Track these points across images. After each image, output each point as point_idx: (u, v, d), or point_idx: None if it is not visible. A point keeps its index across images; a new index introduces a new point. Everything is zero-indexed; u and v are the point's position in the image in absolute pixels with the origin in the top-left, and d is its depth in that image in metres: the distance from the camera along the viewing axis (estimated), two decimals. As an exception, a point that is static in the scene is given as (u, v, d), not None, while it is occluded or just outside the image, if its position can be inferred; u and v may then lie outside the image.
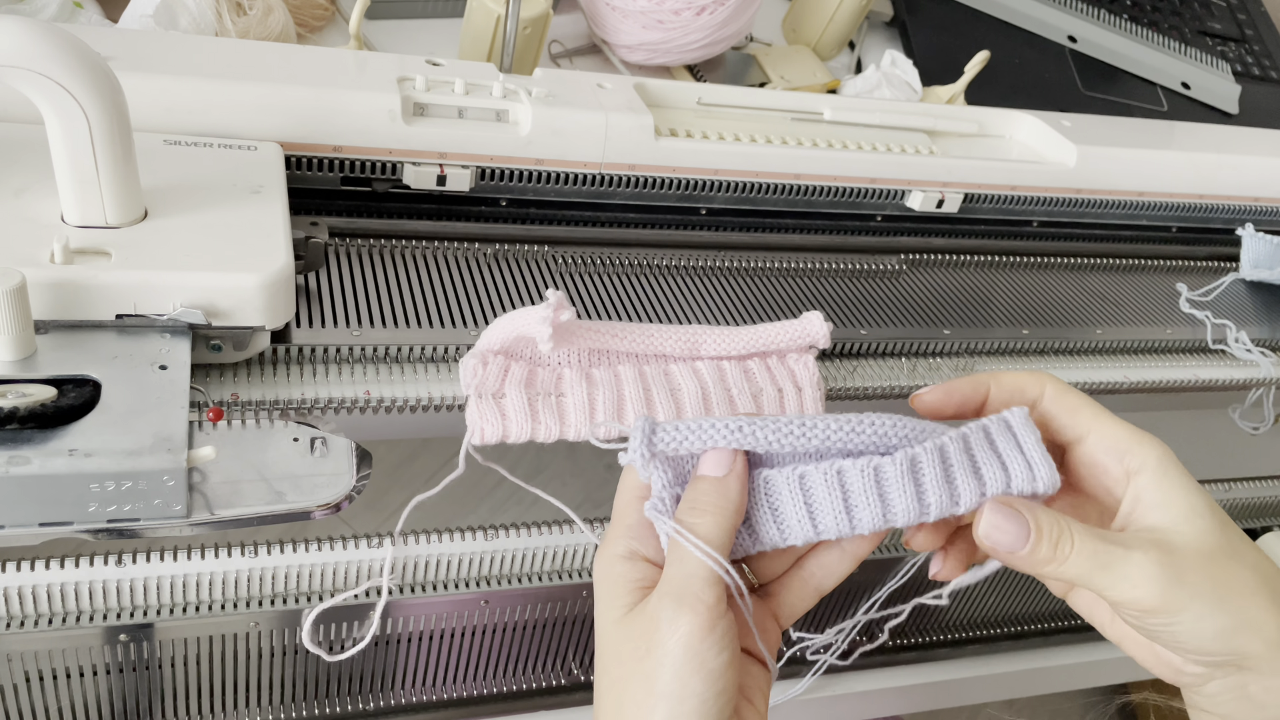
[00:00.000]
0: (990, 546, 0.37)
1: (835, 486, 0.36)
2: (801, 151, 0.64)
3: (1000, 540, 0.36)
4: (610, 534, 0.38)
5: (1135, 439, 0.37)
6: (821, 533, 0.37)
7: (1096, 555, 0.35)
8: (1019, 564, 0.37)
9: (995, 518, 0.36)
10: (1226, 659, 0.36)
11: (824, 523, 0.36)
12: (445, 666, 0.53)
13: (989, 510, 0.37)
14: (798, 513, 0.37)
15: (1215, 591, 0.35)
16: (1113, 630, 0.41)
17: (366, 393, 0.47)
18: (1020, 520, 0.36)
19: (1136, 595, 0.35)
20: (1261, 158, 0.78)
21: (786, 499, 0.37)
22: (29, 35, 0.39)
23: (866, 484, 0.36)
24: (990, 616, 0.69)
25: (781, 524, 0.37)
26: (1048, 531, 0.36)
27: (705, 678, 0.33)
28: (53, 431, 0.38)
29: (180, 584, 0.44)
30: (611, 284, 0.58)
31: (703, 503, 0.36)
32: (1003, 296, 0.66)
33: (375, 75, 0.56)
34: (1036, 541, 0.36)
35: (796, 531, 0.37)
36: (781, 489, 0.37)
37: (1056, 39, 1.03)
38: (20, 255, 0.41)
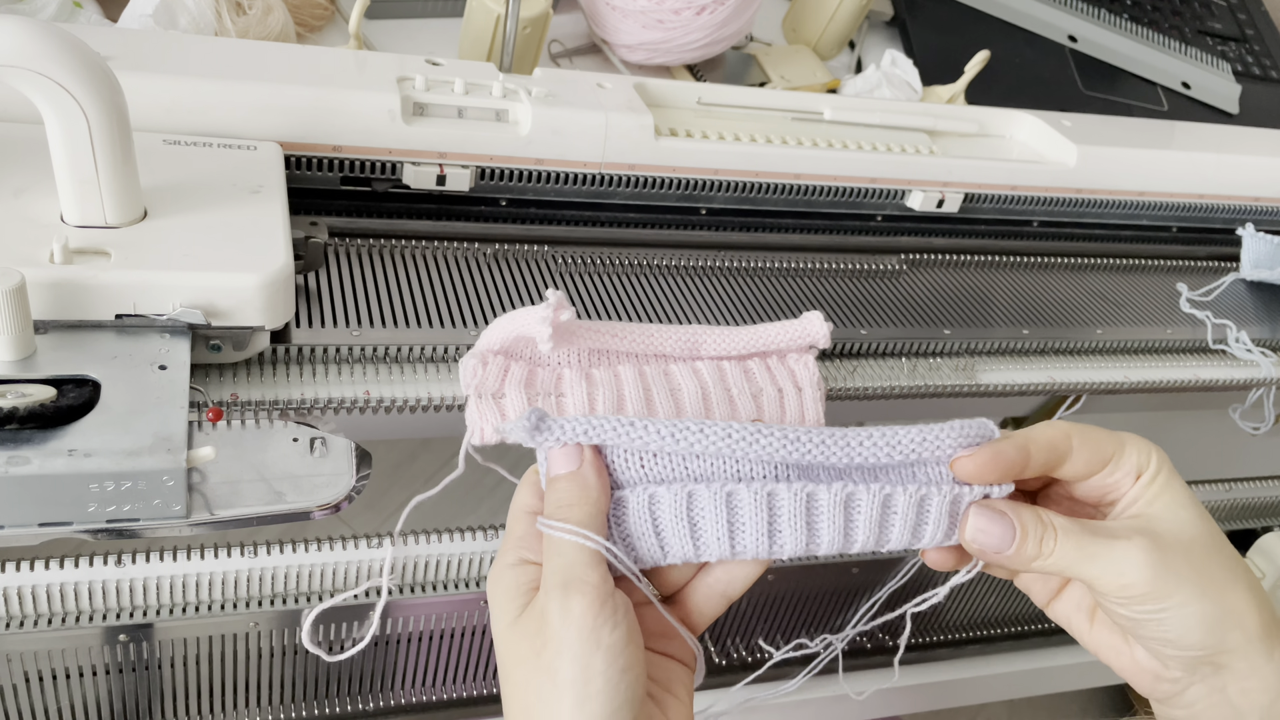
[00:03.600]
0: (978, 549, 0.37)
1: (722, 509, 0.36)
2: (801, 151, 0.64)
3: (987, 542, 0.37)
4: (500, 548, 0.38)
5: (1141, 449, 0.38)
6: (702, 555, 0.36)
7: (1082, 546, 0.36)
8: (1007, 563, 0.37)
9: (980, 520, 0.37)
10: (1209, 652, 0.36)
11: (706, 545, 0.36)
12: (445, 666, 0.53)
13: (973, 514, 0.37)
14: (679, 533, 0.36)
15: (1200, 580, 0.36)
16: (1092, 638, 0.41)
17: (366, 393, 0.47)
18: (1005, 521, 0.37)
19: (1125, 581, 0.36)
20: (1261, 158, 0.77)
21: (669, 518, 0.36)
22: (29, 35, 0.39)
23: (758, 511, 0.36)
24: (990, 616, 0.69)
25: (664, 543, 0.37)
26: (1032, 529, 0.37)
27: (605, 655, 0.33)
28: (52, 431, 0.38)
29: (180, 584, 0.44)
30: (611, 284, 0.58)
31: (565, 498, 0.36)
32: (1003, 296, 0.66)
33: (375, 75, 0.56)
34: (1022, 540, 0.37)
35: (677, 552, 0.36)
36: (665, 508, 0.36)
37: (1056, 39, 1.03)
38: (20, 255, 0.41)
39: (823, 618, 0.61)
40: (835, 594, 0.59)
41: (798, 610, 0.60)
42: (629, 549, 0.37)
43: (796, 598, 0.59)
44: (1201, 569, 0.36)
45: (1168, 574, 0.35)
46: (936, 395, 0.58)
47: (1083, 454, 0.38)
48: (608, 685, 0.33)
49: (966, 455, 0.37)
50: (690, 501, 0.36)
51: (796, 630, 0.61)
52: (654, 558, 0.37)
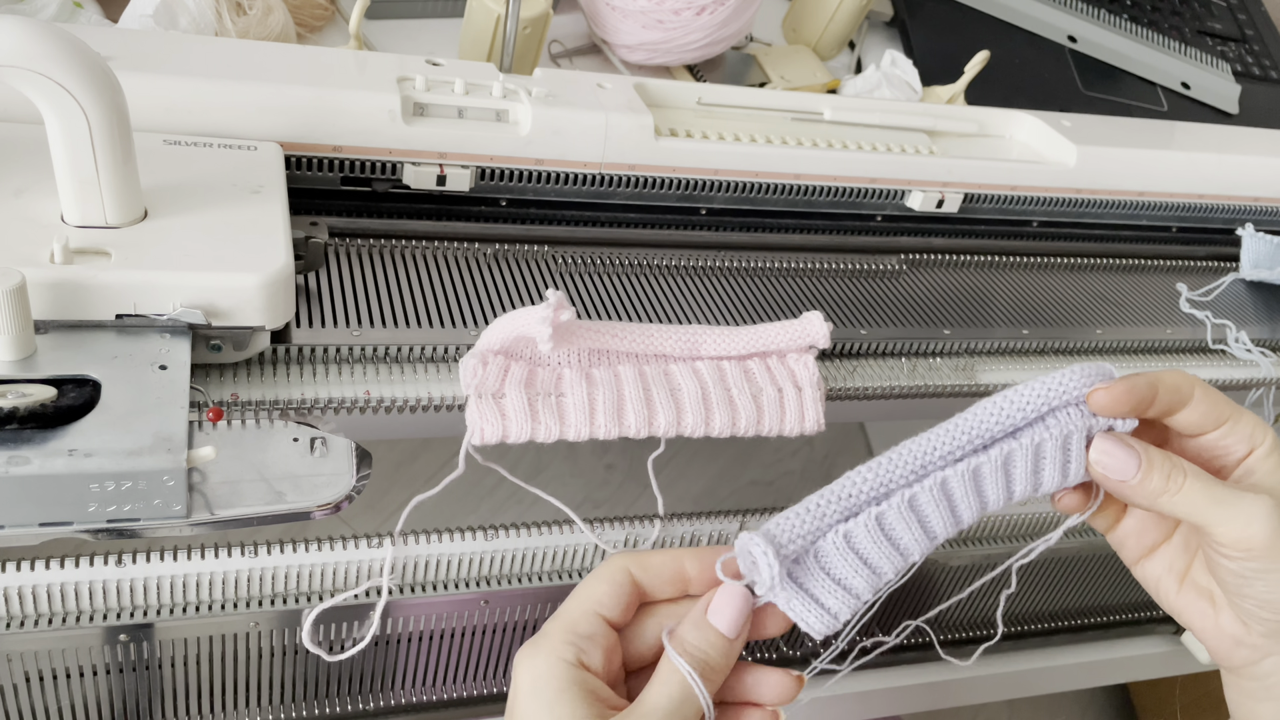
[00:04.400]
0: (1101, 474, 0.39)
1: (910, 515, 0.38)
2: (801, 151, 0.64)
3: (1110, 465, 0.38)
4: (553, 633, 0.37)
5: (1259, 424, 0.40)
6: (909, 559, 0.39)
7: (1211, 491, 0.37)
8: (1131, 494, 0.38)
9: (1106, 445, 0.38)
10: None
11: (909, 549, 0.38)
12: (445, 666, 0.53)
13: (1098, 440, 0.39)
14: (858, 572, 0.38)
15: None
16: (1179, 600, 0.42)
17: (366, 393, 0.47)
18: (1131, 451, 0.38)
19: (1249, 534, 0.37)
20: (1261, 158, 0.78)
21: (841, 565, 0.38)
22: (29, 35, 0.39)
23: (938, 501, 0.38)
24: (990, 616, 0.69)
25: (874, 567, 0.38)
26: (1159, 463, 0.38)
27: None
28: (53, 431, 0.38)
29: (180, 584, 0.44)
30: (611, 284, 0.58)
31: (717, 659, 0.36)
32: (1003, 296, 0.66)
33: (375, 75, 0.56)
34: (1148, 469, 0.38)
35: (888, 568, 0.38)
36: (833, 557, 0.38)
37: (1056, 39, 1.03)
38: (20, 255, 0.41)
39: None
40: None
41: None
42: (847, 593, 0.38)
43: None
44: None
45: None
46: (936, 395, 0.58)
47: (1201, 406, 0.39)
48: None
49: (1103, 388, 0.39)
50: (880, 522, 0.38)
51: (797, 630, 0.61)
52: (874, 585, 0.38)
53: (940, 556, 0.60)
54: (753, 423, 0.49)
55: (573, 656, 0.35)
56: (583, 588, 0.38)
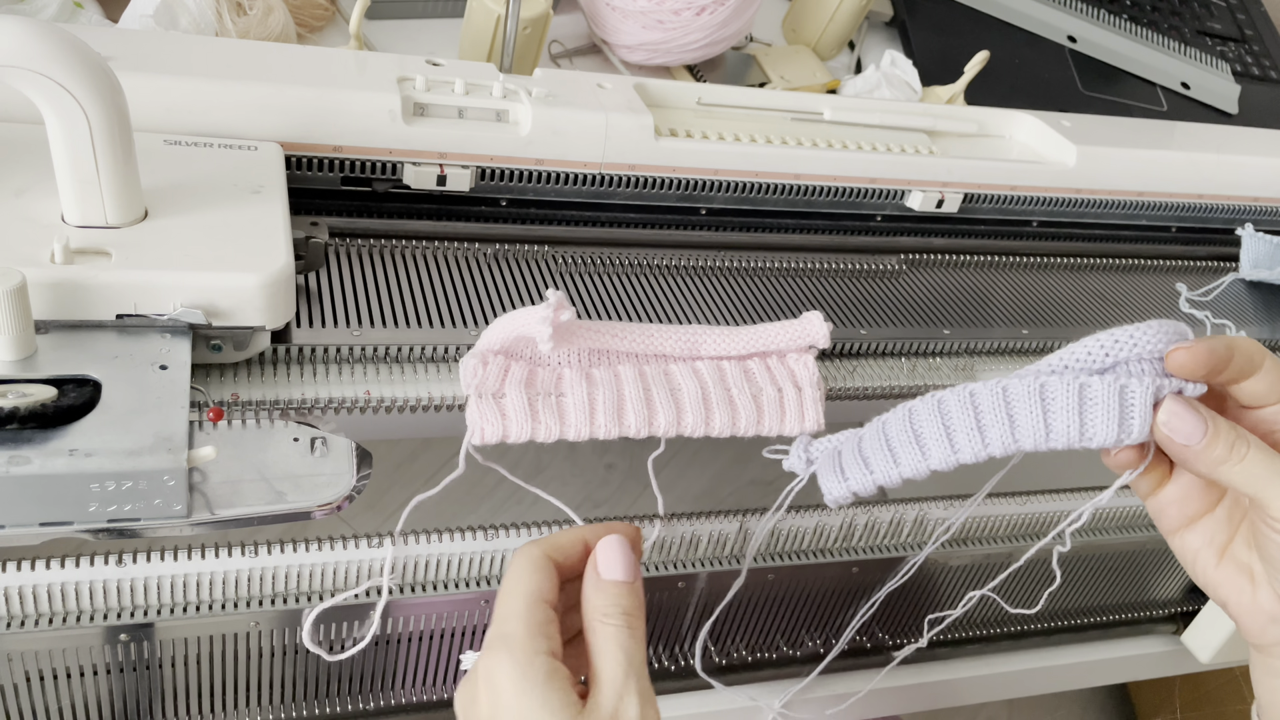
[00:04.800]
0: (1167, 436, 0.38)
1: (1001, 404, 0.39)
2: (801, 151, 0.64)
3: (1179, 428, 0.38)
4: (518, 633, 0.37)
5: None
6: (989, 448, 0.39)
7: (1274, 464, 0.37)
8: (1193, 460, 0.38)
9: (1176, 407, 0.38)
10: None
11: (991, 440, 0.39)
12: (445, 666, 0.53)
13: (1168, 402, 0.38)
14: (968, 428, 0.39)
15: None
16: (1216, 573, 0.42)
17: (366, 393, 0.47)
18: (1199, 416, 0.38)
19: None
20: (1261, 158, 0.78)
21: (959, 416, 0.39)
22: (29, 35, 0.39)
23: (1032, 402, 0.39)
24: (990, 616, 0.69)
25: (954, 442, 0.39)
26: (1224, 433, 0.38)
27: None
28: (53, 431, 0.38)
29: (180, 584, 0.44)
30: (611, 284, 0.58)
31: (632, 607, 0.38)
32: (1003, 296, 0.66)
33: (375, 75, 0.56)
34: (1213, 437, 0.38)
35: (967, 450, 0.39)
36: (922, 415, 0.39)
37: (1056, 39, 1.03)
38: (20, 255, 0.41)
39: (824, 618, 0.61)
40: (835, 593, 0.59)
41: (798, 610, 0.60)
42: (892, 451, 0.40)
43: (796, 598, 0.59)
44: None
45: None
46: (936, 395, 0.58)
47: (1269, 376, 0.39)
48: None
49: (1183, 347, 0.38)
50: (973, 399, 0.39)
51: (798, 630, 0.61)
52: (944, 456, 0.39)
53: (940, 556, 0.60)
54: (753, 423, 0.49)
55: (545, 648, 0.37)
56: (520, 582, 0.39)
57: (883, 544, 0.58)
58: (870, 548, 0.58)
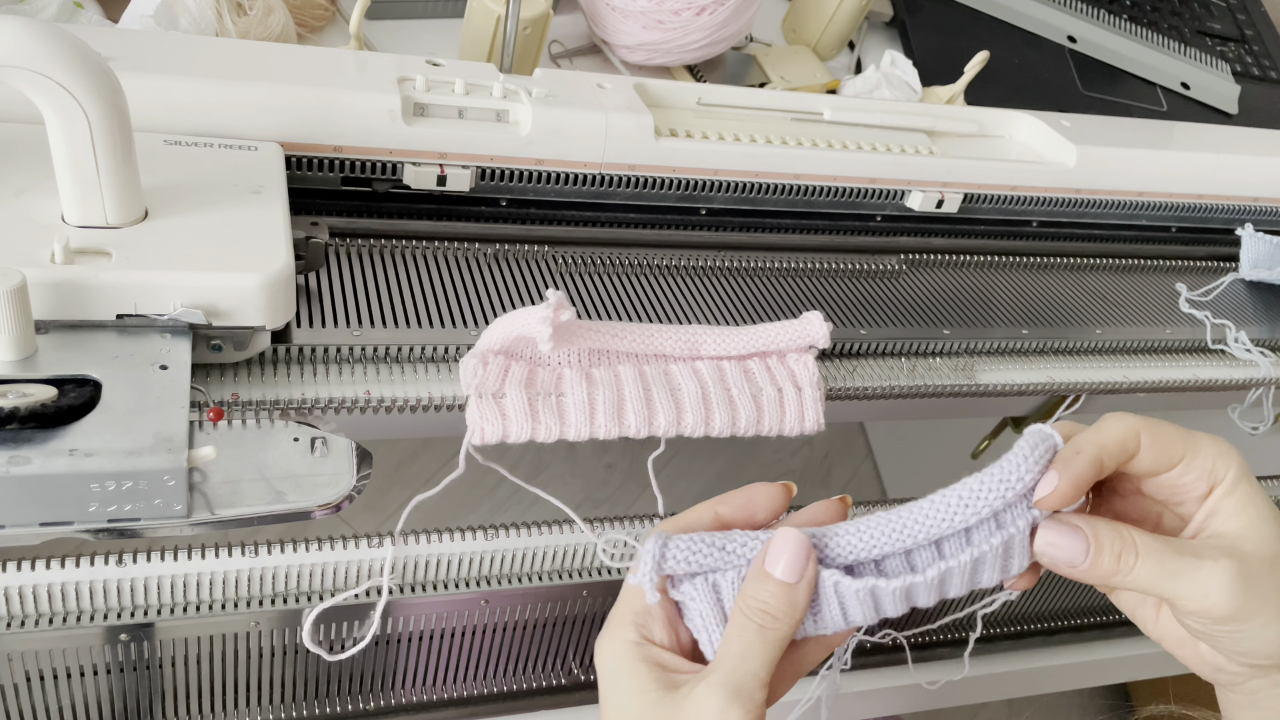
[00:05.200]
0: (1050, 562, 0.37)
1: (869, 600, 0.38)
2: (801, 151, 0.64)
3: (1058, 556, 0.37)
4: (615, 618, 0.38)
5: (1221, 453, 0.38)
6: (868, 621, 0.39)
7: (1165, 564, 0.36)
8: (1084, 578, 0.37)
9: (1051, 534, 0.37)
10: (1276, 665, 0.37)
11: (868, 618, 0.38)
12: (445, 666, 0.53)
13: (1044, 527, 0.37)
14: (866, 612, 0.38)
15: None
16: (1156, 629, 0.41)
17: (366, 393, 0.47)
18: (1078, 534, 0.37)
19: (1209, 604, 0.35)
20: (1261, 158, 0.78)
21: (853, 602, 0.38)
22: (29, 35, 0.39)
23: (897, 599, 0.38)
24: (990, 616, 0.69)
25: (848, 616, 0.38)
26: (1108, 545, 0.36)
27: None
28: (53, 431, 0.38)
29: (180, 584, 0.44)
30: (611, 284, 0.58)
31: (776, 607, 0.36)
32: (1003, 296, 0.66)
33: (375, 75, 0.56)
34: (1097, 554, 0.36)
35: (829, 625, 0.38)
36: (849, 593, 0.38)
37: (1056, 39, 1.03)
38: (20, 255, 0.41)
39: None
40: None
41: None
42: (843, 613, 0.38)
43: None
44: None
45: (1251, 597, 0.35)
46: (936, 395, 0.58)
47: (1151, 453, 0.37)
48: None
49: (1048, 493, 0.37)
50: (874, 593, 0.38)
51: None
52: (836, 625, 0.39)
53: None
54: (753, 423, 0.49)
55: (635, 635, 0.37)
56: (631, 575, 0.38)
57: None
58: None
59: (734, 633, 0.36)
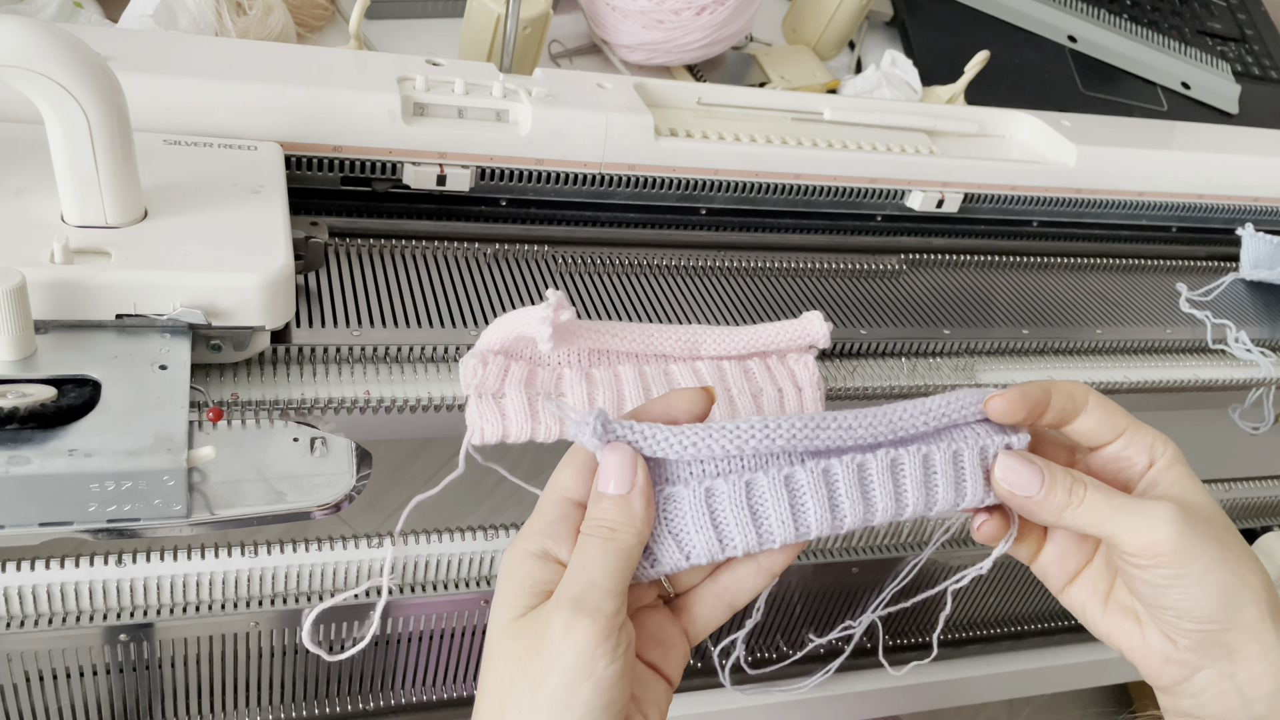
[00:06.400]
0: (1007, 491, 0.38)
1: (782, 492, 0.36)
2: (801, 151, 0.64)
3: (1015, 481, 0.38)
4: (526, 529, 0.37)
5: (1159, 436, 0.40)
6: (728, 550, 0.36)
7: (1112, 500, 0.38)
8: (1037, 509, 0.38)
9: (1008, 461, 0.38)
10: (1222, 627, 0.37)
11: (731, 539, 0.36)
12: (445, 666, 0.53)
13: (1002, 457, 0.39)
14: (741, 522, 0.36)
15: (1221, 551, 0.37)
16: (1104, 622, 0.41)
17: (366, 393, 0.47)
18: (1033, 467, 0.38)
19: (1155, 538, 0.36)
20: (1261, 158, 0.78)
21: (690, 518, 0.36)
22: (29, 35, 0.39)
23: (816, 488, 0.36)
24: (990, 616, 0.69)
25: (723, 535, 0.36)
26: (1060, 479, 0.38)
27: (594, 687, 0.33)
28: (53, 431, 0.38)
29: (180, 584, 0.44)
30: (611, 284, 0.58)
31: (611, 520, 0.35)
32: (1003, 296, 0.66)
33: (375, 75, 0.56)
34: (1050, 484, 0.38)
35: (739, 542, 0.36)
36: (685, 507, 0.36)
37: (1056, 39, 1.03)
38: (20, 255, 0.41)
39: (824, 617, 0.61)
40: (836, 594, 0.59)
41: (799, 610, 0.60)
42: (678, 545, 0.36)
43: (797, 598, 0.59)
44: (1222, 540, 0.37)
45: (1194, 538, 0.36)
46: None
47: (1097, 414, 0.39)
48: (587, 715, 0.33)
49: (998, 395, 0.39)
50: (749, 490, 0.36)
51: (798, 630, 0.61)
52: (712, 552, 0.36)
53: (940, 556, 0.60)
54: (753, 423, 0.49)
55: (536, 547, 0.36)
56: (553, 477, 0.38)
57: (883, 544, 0.58)
58: (870, 548, 0.58)
59: (577, 551, 0.35)
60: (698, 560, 0.36)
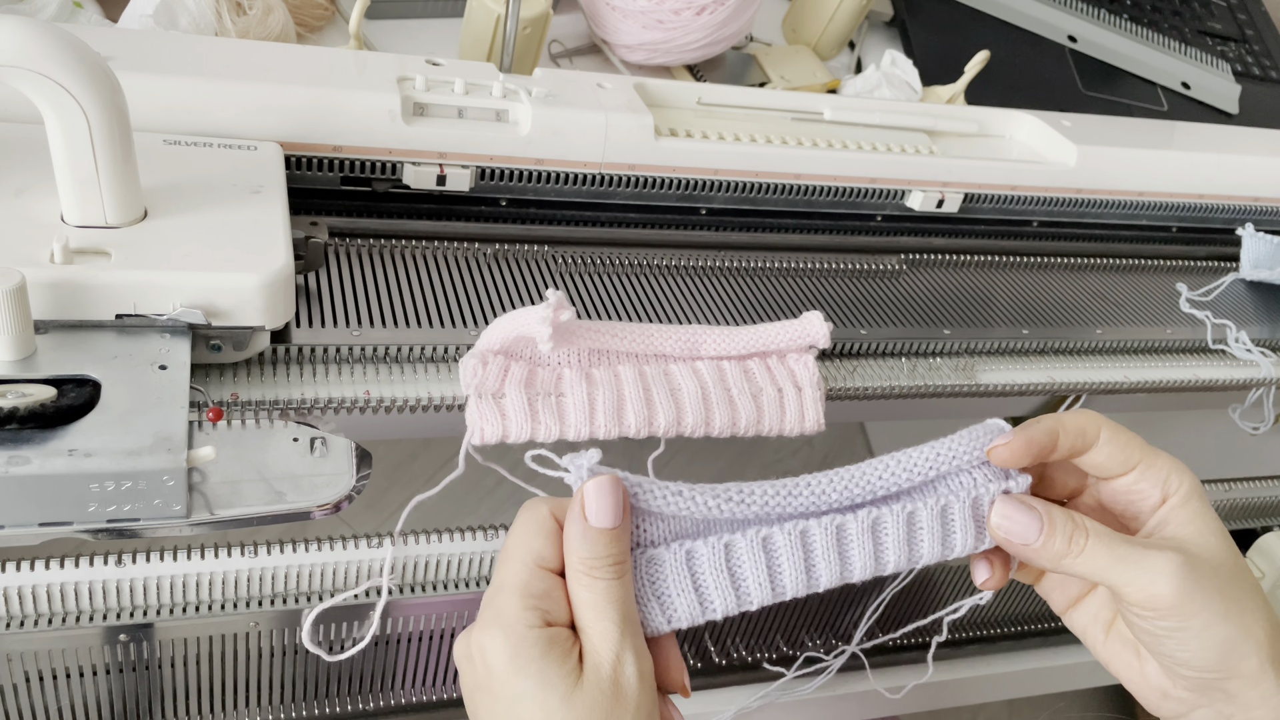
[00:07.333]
0: (1003, 538, 0.38)
1: (760, 554, 0.36)
2: (801, 151, 0.64)
3: (1012, 529, 0.37)
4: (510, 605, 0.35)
5: (1176, 468, 0.38)
6: (708, 614, 0.36)
7: (1114, 550, 0.36)
8: (1035, 557, 0.37)
9: (1006, 509, 0.37)
10: (1221, 676, 0.36)
11: (711, 603, 0.36)
12: (445, 666, 0.53)
13: (1000, 503, 0.38)
14: (721, 585, 0.36)
15: (1224, 603, 0.36)
16: (1105, 650, 0.41)
17: (366, 393, 0.47)
18: (1032, 514, 0.37)
19: (1155, 592, 0.36)
20: (1261, 158, 0.77)
21: (671, 580, 0.36)
22: (29, 35, 0.39)
23: (793, 550, 0.36)
24: (990, 616, 0.69)
25: (704, 599, 0.36)
26: (1061, 525, 0.37)
27: None
28: (53, 431, 0.38)
29: (180, 584, 0.44)
30: (611, 284, 0.58)
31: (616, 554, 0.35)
32: (1003, 296, 0.66)
33: (375, 75, 0.56)
34: (1050, 532, 0.37)
35: (719, 605, 0.36)
36: (666, 569, 0.36)
37: (1056, 39, 1.03)
38: (20, 255, 0.41)
39: (824, 620, 0.61)
40: (834, 596, 0.59)
41: (798, 612, 0.60)
42: (660, 608, 0.36)
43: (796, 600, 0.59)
44: (1226, 592, 0.36)
45: (1196, 592, 0.36)
46: (936, 395, 0.58)
47: (1109, 448, 0.38)
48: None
49: (1001, 444, 0.37)
50: (728, 553, 0.36)
51: (797, 631, 0.61)
52: (693, 615, 0.36)
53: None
54: (753, 423, 0.49)
55: (538, 620, 0.35)
56: (518, 547, 0.36)
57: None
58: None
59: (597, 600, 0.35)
60: (679, 624, 0.36)
